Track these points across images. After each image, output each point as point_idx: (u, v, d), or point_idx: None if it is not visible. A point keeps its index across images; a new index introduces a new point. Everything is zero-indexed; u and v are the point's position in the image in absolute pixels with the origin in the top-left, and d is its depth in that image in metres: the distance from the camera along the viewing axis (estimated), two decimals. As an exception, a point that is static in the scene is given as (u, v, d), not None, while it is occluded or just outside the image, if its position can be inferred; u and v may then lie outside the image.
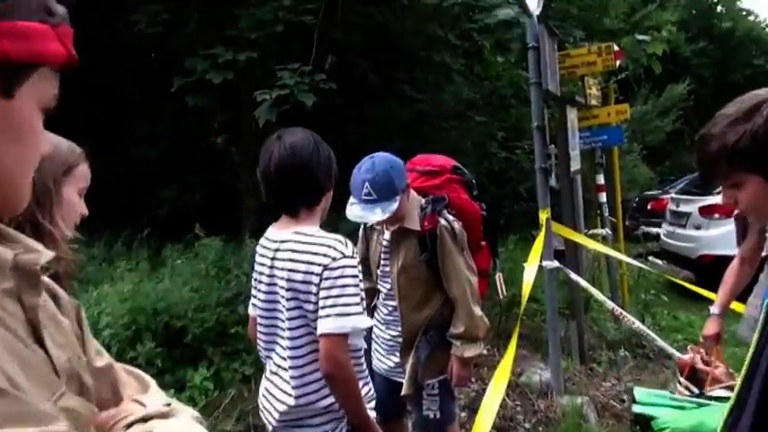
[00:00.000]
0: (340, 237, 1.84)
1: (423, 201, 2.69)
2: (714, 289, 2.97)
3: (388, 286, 2.76)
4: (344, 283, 1.76)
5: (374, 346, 2.92)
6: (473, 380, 4.45)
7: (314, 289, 1.78)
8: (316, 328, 1.78)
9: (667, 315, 6.15)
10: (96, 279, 5.01)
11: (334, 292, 1.75)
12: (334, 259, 1.77)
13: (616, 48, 5.83)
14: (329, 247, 1.80)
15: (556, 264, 4.04)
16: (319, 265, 1.78)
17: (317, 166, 1.89)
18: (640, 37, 6.54)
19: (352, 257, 1.80)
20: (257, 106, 5.21)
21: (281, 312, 1.89)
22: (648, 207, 11.53)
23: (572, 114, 4.88)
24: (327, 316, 1.74)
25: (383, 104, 6.18)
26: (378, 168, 2.46)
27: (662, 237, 8.72)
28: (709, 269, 6.32)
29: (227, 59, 5.42)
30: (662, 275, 5.50)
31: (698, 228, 7.70)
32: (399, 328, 2.73)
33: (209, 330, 4.29)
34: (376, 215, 2.44)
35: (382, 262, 2.79)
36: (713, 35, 20.70)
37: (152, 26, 5.71)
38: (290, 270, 1.82)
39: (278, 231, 1.95)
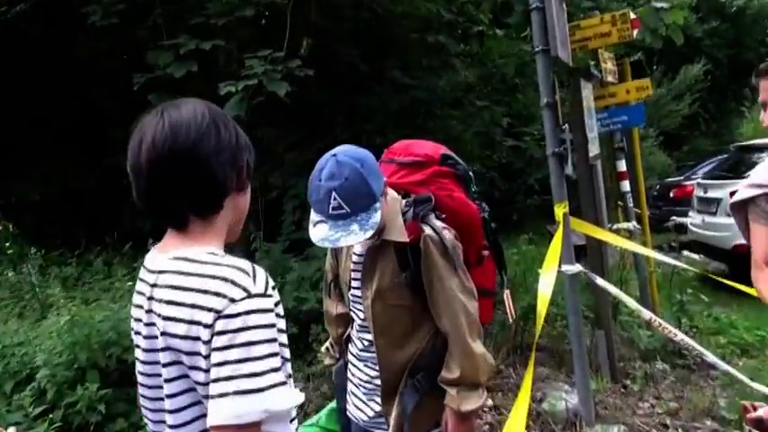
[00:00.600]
0: (245, 263, 1.17)
1: (402, 202, 2.01)
2: (751, 282, 2.20)
3: (362, 315, 2.09)
4: (250, 339, 1.09)
5: (350, 387, 2.24)
6: (485, 409, 3.76)
7: (202, 349, 1.11)
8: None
9: (706, 316, 5.40)
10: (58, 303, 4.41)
11: (234, 354, 1.08)
12: (232, 301, 1.09)
13: (632, 15, 5.12)
14: (225, 280, 1.12)
15: (577, 268, 3.35)
16: (210, 310, 1.10)
17: (212, 154, 1.21)
18: (658, 4, 5.79)
19: (263, 296, 1.13)
20: (228, 101, 4.57)
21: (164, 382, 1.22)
22: (671, 195, 10.75)
23: (587, 91, 4.17)
24: (222, 395, 1.07)
25: (373, 94, 5.51)
26: (345, 170, 1.76)
27: (690, 227, 7.96)
28: (746, 260, 5.55)
29: (189, 49, 4.78)
30: (698, 271, 4.79)
31: (730, 214, 6.92)
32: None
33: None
34: (354, 235, 1.75)
35: (353, 283, 2.11)
36: (725, 14, 19.77)
37: (107, 17, 5.08)
38: (166, 318, 1.15)
39: (157, 255, 1.28)
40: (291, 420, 1.22)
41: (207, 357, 1.10)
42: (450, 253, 1.90)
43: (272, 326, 1.13)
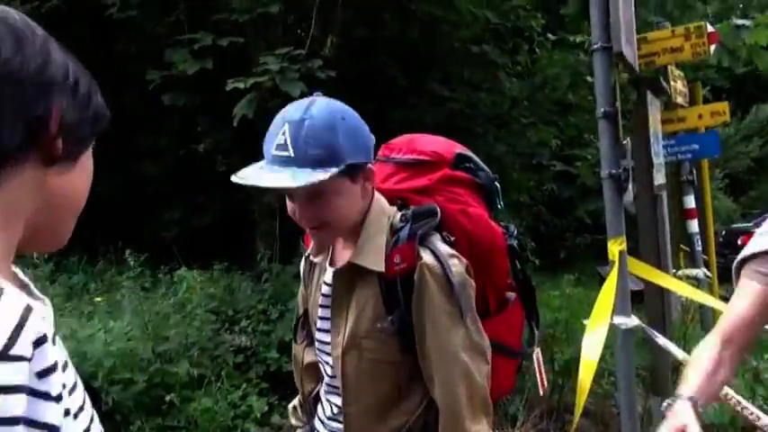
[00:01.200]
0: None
1: (396, 215, 1.43)
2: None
3: (330, 370, 1.48)
4: None
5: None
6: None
7: None
8: None
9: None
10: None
11: None
12: None
13: (710, 28, 4.43)
14: None
15: (634, 321, 2.64)
16: None
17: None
18: (740, 21, 5.06)
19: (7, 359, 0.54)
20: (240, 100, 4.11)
21: None
22: (739, 242, 9.73)
23: (653, 107, 3.49)
24: None
25: (406, 104, 4.97)
26: (315, 110, 1.26)
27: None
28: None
29: (204, 45, 4.36)
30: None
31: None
32: None
33: (137, 397, 3.10)
34: (279, 180, 1.23)
35: (319, 323, 1.51)
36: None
37: (123, 10, 4.73)
38: None
39: None
40: None
41: None
42: (455, 291, 1.28)
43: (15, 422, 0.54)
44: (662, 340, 2.70)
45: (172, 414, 3.09)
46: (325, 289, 1.46)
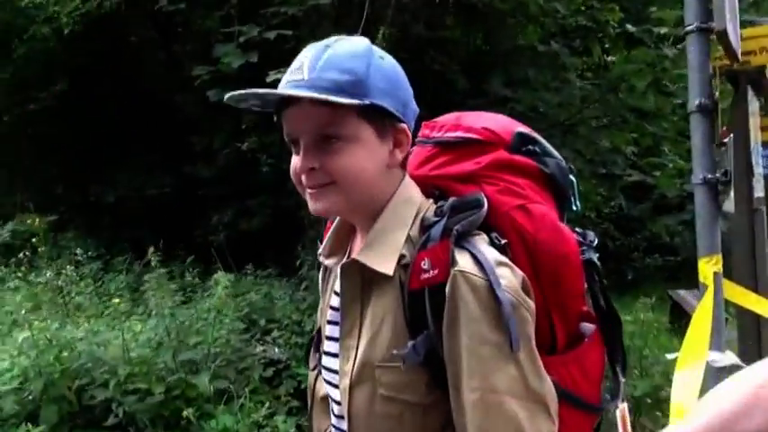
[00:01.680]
0: None
1: (431, 209, 1.05)
2: None
3: (337, 408, 1.11)
4: None
5: None
6: None
7: None
8: None
9: None
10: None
11: None
12: None
13: (821, 22, 3.84)
14: None
15: (731, 359, 2.15)
16: None
17: None
18: None
19: None
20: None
21: None
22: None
23: (753, 107, 2.98)
24: None
25: (463, 106, 4.59)
26: (345, 42, 1.03)
27: None
28: None
29: (250, 38, 4.13)
30: None
31: None
32: None
33: (154, 409, 2.83)
34: (292, 89, 0.97)
35: (325, 344, 1.15)
36: None
37: (174, 3, 4.58)
38: None
39: None
40: None
41: None
42: (504, 312, 0.90)
43: None
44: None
45: (190, 431, 2.80)
46: (333, 300, 1.11)
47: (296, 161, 1.01)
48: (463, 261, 0.93)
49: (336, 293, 1.10)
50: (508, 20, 4.74)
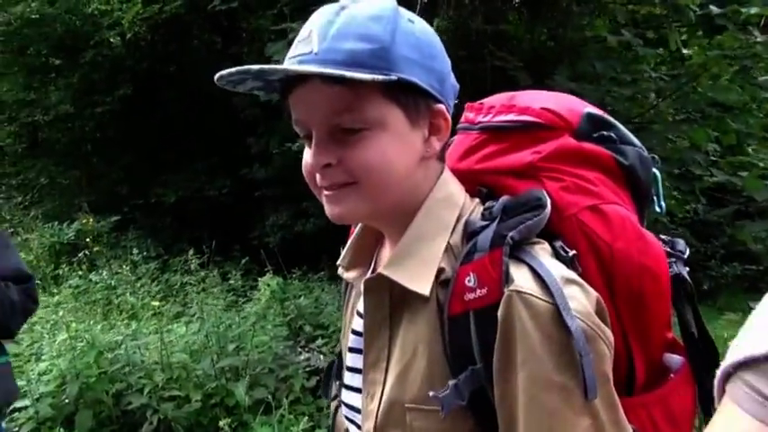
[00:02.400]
0: None
1: (476, 210, 0.83)
2: None
3: None
4: None
5: None
6: None
7: None
8: None
9: None
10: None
11: None
12: None
13: None
14: None
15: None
16: None
17: None
18: None
19: None
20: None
21: None
22: None
23: None
24: None
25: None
26: (361, 11, 0.75)
27: None
28: None
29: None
30: None
31: None
32: None
33: (190, 417, 2.72)
34: (297, 65, 0.74)
35: (346, 376, 0.93)
36: None
37: (227, 2, 4.52)
38: None
39: None
40: None
41: None
42: (575, 347, 0.68)
43: None
44: None
45: (226, 442, 2.67)
46: (356, 323, 0.91)
47: (308, 156, 0.79)
48: (521, 278, 0.71)
49: (360, 315, 0.88)
50: (575, 10, 4.41)
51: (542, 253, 0.74)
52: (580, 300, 0.70)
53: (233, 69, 0.74)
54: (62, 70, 7.93)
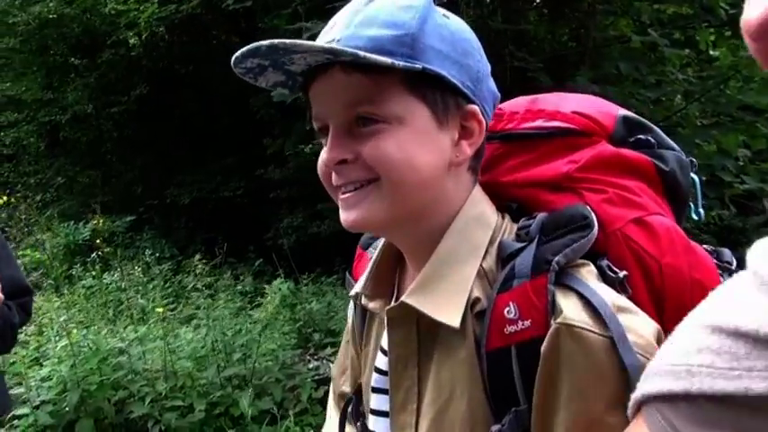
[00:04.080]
0: None
1: (508, 228, 0.74)
2: None
3: None
4: None
5: None
6: None
7: None
8: None
9: None
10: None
11: None
12: None
13: None
14: None
15: None
16: None
17: None
18: None
19: None
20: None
21: None
22: None
23: None
24: None
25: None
26: (389, 2, 0.70)
27: None
28: None
29: (315, 34, 3.91)
30: None
31: None
32: None
33: (194, 427, 2.63)
34: (337, 46, 0.66)
35: (370, 420, 0.83)
36: None
37: (241, 1, 4.46)
38: None
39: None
40: None
41: None
42: (629, 386, 0.56)
43: None
44: None
45: (230, 454, 2.58)
46: (380, 360, 0.81)
47: (323, 153, 0.71)
48: (570, 308, 0.62)
49: (383, 351, 0.79)
50: (598, 9, 4.27)
51: (590, 277, 0.66)
52: (638, 331, 0.61)
53: (244, 49, 0.66)
54: (80, 70, 7.95)
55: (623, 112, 0.80)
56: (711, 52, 4.63)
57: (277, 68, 0.69)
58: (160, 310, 3.20)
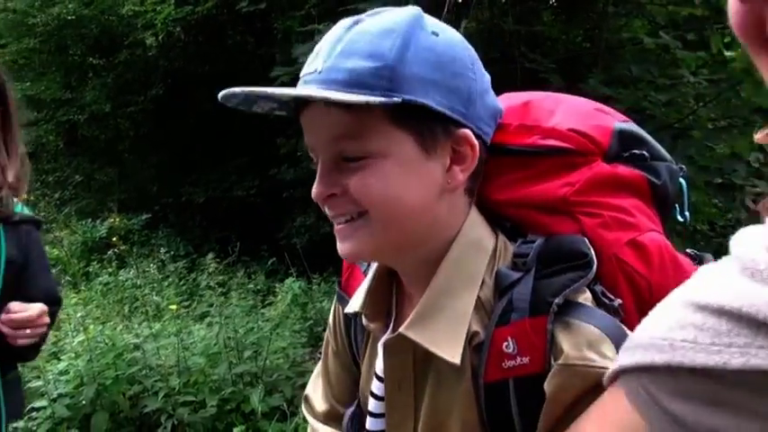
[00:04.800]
0: None
1: (505, 250, 0.75)
2: None
3: None
4: None
5: None
6: None
7: None
8: None
9: None
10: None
11: None
12: None
13: None
14: None
15: None
16: None
17: None
18: None
19: None
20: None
21: None
22: None
23: None
24: None
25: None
26: (382, 14, 0.71)
27: None
28: None
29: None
30: None
31: None
32: None
33: (206, 422, 2.69)
34: (300, 86, 0.70)
35: (368, 421, 0.84)
36: None
37: (254, 3, 4.51)
38: None
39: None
40: None
41: None
42: None
43: None
44: None
45: (240, 450, 2.63)
46: (376, 386, 0.81)
47: (314, 186, 0.73)
48: (570, 346, 0.63)
49: (378, 377, 0.80)
50: (611, 10, 4.27)
51: (589, 310, 0.65)
52: None
53: (221, 95, 0.69)
54: (98, 70, 8.08)
55: (619, 125, 0.79)
56: (727, 54, 4.60)
57: (267, 99, 0.70)
58: (174, 307, 3.26)
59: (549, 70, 4.72)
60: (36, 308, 1.34)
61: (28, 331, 1.33)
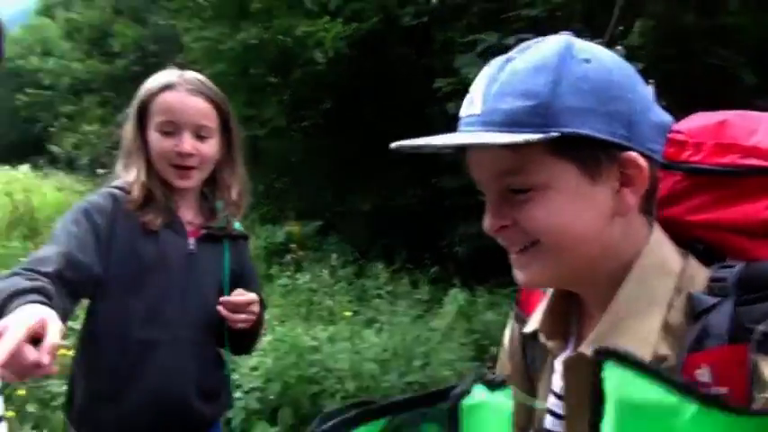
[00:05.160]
0: None
1: (697, 274, 0.72)
2: None
3: None
4: None
5: None
6: None
7: None
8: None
9: None
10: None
11: None
12: None
13: None
14: None
15: None
16: None
17: None
18: None
19: None
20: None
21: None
22: None
23: None
24: None
25: (750, 106, 3.75)
26: (533, 50, 0.74)
27: None
28: None
29: (490, 45, 3.96)
30: None
31: None
32: None
33: (377, 427, 2.83)
34: (462, 130, 0.76)
35: None
36: None
37: (417, 17, 4.65)
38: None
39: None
40: None
41: None
42: None
43: None
44: None
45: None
46: (554, 403, 0.83)
47: (485, 219, 0.78)
48: None
49: (556, 395, 0.83)
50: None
51: None
52: None
53: (392, 146, 0.79)
54: (276, 87, 8.82)
55: None
56: None
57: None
58: (348, 314, 3.48)
59: (737, 66, 4.29)
60: (251, 296, 1.53)
61: (243, 316, 1.53)
